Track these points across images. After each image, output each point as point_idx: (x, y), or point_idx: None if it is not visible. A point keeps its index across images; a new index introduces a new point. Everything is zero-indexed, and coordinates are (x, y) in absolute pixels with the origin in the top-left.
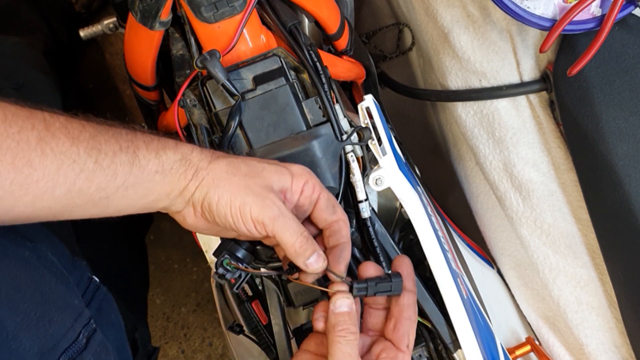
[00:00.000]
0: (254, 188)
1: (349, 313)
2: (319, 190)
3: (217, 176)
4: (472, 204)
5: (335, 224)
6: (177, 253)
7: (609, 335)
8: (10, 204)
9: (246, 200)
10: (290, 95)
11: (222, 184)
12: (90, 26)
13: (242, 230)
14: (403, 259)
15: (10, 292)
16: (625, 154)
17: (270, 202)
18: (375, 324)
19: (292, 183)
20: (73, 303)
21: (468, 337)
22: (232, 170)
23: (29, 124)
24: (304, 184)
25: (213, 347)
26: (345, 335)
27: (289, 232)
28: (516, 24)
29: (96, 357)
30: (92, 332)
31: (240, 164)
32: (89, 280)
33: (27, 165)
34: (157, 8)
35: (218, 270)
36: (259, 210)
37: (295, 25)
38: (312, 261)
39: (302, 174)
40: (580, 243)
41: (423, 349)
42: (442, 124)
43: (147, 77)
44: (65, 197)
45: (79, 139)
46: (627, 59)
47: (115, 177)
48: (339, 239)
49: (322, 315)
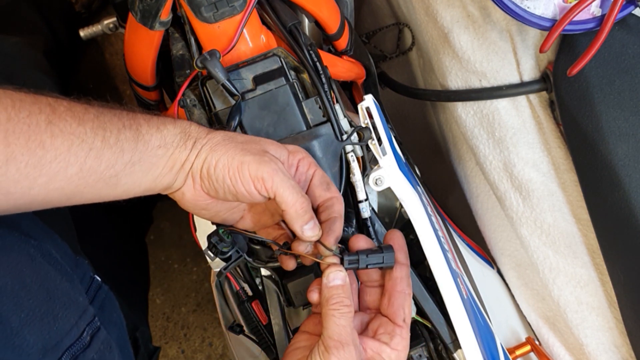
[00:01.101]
0: (251, 150)
1: (343, 286)
2: (314, 168)
3: (215, 143)
4: (472, 204)
5: (329, 201)
6: (177, 253)
7: (609, 335)
8: (27, 185)
9: (244, 159)
10: (290, 95)
11: (220, 148)
12: (90, 26)
13: (240, 191)
14: (394, 232)
15: (16, 287)
16: (625, 154)
17: (267, 159)
18: (371, 302)
19: (288, 157)
20: (77, 300)
21: (468, 337)
22: (229, 138)
23: (36, 108)
24: (299, 160)
25: (213, 347)
26: (339, 308)
27: (289, 190)
28: (516, 24)
29: (100, 355)
30: (96, 329)
31: (236, 135)
32: (91, 279)
33: (39, 147)
34: (157, 8)
35: (212, 239)
36: (256, 166)
37: (295, 25)
38: (308, 227)
39: (298, 151)
40: (580, 243)
41: (423, 349)
42: (442, 124)
43: (147, 77)
44: (77, 176)
45: (84, 119)
46: (627, 59)
47: (123, 154)
48: (331, 214)
49: (316, 288)
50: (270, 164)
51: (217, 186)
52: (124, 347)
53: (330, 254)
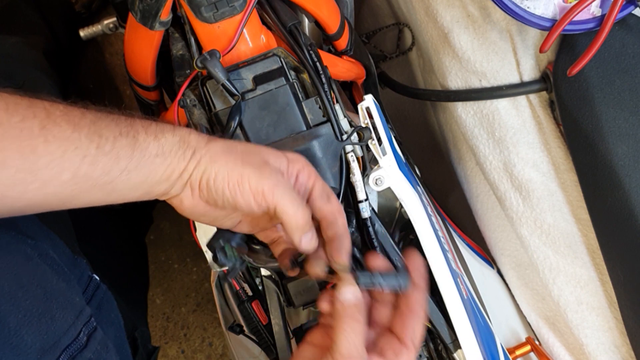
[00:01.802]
0: (251, 162)
1: (356, 302)
2: (314, 178)
3: (215, 153)
4: (472, 204)
5: (331, 215)
6: (177, 253)
7: (609, 335)
8: (20, 190)
9: (244, 172)
10: (290, 95)
11: (219, 159)
12: (90, 26)
13: (240, 204)
14: (414, 253)
15: (13, 288)
16: (625, 154)
17: (268, 172)
18: (381, 318)
19: (287, 166)
20: (74, 300)
21: (468, 337)
22: (228, 149)
23: (31, 112)
24: (299, 170)
25: (213, 347)
26: (352, 324)
27: (290, 202)
28: (516, 24)
29: (97, 355)
30: (92, 330)
31: (236, 144)
32: (89, 278)
33: (32, 153)
34: (157, 8)
35: (220, 259)
36: (257, 179)
37: (295, 25)
38: (307, 239)
39: (298, 160)
40: (580, 243)
41: (423, 349)
42: (442, 124)
43: (147, 77)
44: (72, 181)
45: (80, 125)
46: (627, 59)
47: (118, 161)
48: (337, 230)
49: (327, 298)
50: (270, 178)
51: (216, 197)
52: (121, 347)
53: (345, 271)
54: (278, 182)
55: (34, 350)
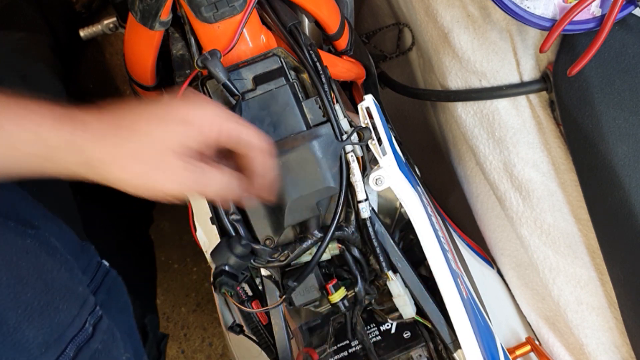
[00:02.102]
0: (150, 157)
1: None
2: (218, 126)
3: (103, 160)
4: (472, 204)
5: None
6: (177, 253)
7: (609, 335)
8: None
9: (148, 174)
10: (290, 95)
11: (113, 169)
12: (90, 26)
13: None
14: None
15: (12, 282)
16: (625, 154)
17: (163, 168)
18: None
19: (196, 136)
20: (77, 290)
21: (468, 337)
22: (119, 146)
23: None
24: (208, 131)
25: (213, 347)
26: None
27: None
28: (516, 24)
29: (104, 345)
30: (98, 319)
31: (128, 135)
32: (97, 264)
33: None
34: (157, 8)
35: (228, 291)
36: (163, 182)
37: (295, 25)
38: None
39: (204, 123)
40: (580, 243)
41: (423, 349)
42: (442, 124)
43: (147, 77)
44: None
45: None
46: (627, 59)
47: None
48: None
49: None
50: (176, 176)
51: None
52: (131, 333)
53: None
54: (180, 170)
55: (37, 344)
